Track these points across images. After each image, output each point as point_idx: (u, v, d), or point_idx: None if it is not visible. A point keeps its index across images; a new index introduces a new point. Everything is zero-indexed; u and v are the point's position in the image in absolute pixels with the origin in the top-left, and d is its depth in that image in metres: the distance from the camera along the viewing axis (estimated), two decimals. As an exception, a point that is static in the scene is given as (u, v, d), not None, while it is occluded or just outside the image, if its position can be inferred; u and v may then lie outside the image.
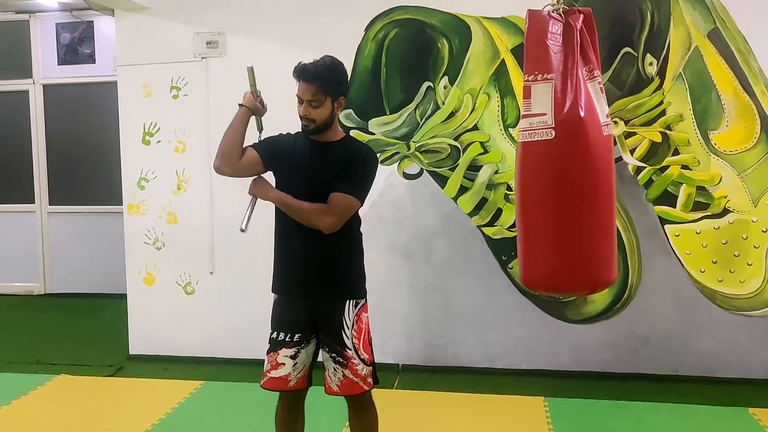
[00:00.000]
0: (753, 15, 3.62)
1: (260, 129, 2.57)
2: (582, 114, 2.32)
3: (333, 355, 2.41)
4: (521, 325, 3.94)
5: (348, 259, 2.47)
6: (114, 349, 4.48)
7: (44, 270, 6.17)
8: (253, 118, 2.53)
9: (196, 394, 3.73)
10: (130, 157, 4.31)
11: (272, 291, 2.51)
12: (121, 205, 4.37)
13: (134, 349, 4.37)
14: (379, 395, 2.63)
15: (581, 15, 2.41)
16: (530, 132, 2.39)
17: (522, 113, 2.44)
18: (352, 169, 2.39)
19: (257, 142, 2.51)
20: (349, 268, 2.47)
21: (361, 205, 2.43)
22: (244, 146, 2.45)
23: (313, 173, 2.37)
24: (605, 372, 3.85)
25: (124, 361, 4.31)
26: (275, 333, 2.45)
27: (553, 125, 2.33)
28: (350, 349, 2.41)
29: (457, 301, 4.00)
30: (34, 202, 6.12)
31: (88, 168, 6.00)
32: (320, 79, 2.31)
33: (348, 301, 2.43)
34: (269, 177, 2.50)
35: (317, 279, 2.41)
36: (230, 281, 4.20)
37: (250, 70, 2.52)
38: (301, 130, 2.44)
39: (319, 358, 2.51)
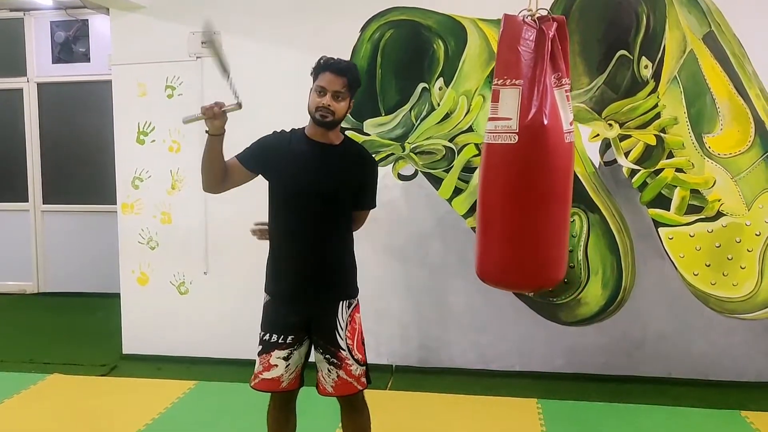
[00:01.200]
0: (748, 19, 3.63)
1: (226, 73, 2.40)
2: (545, 121, 2.38)
3: (327, 356, 2.40)
4: (515, 326, 3.95)
5: (343, 259, 2.46)
6: (107, 348, 4.47)
7: (37, 269, 6.14)
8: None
9: (190, 394, 3.72)
10: (124, 156, 4.30)
11: (265, 291, 2.49)
12: (115, 204, 4.35)
13: (127, 348, 4.36)
14: (372, 396, 2.64)
15: (555, 23, 2.45)
16: (495, 134, 2.48)
17: (489, 115, 2.50)
18: (371, 184, 2.50)
19: (244, 151, 2.44)
20: (344, 269, 2.47)
21: None
22: (228, 159, 2.41)
23: (318, 177, 2.34)
24: (599, 374, 3.86)
25: (117, 360, 4.30)
26: (267, 335, 2.42)
27: (517, 130, 2.41)
28: (344, 350, 2.40)
29: (452, 303, 4.00)
30: (27, 201, 6.10)
31: (82, 167, 5.98)
32: (350, 73, 2.34)
33: (342, 302, 2.42)
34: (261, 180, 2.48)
35: (316, 280, 2.39)
36: (224, 282, 4.20)
37: (210, 44, 2.43)
38: (300, 129, 2.42)
39: (311, 359, 2.49)
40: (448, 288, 3.99)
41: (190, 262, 4.24)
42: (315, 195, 2.34)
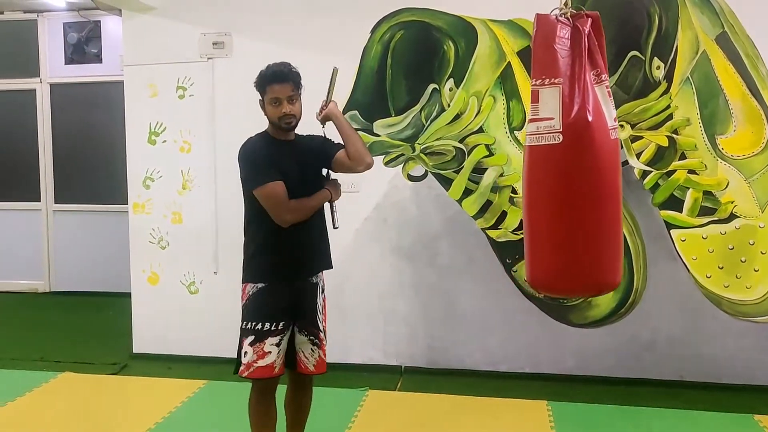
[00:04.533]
0: (761, 19, 3.60)
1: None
2: (590, 118, 2.32)
3: (311, 338, 2.64)
4: (525, 328, 3.93)
5: (326, 238, 2.72)
6: (118, 347, 4.49)
7: (49, 268, 6.19)
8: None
9: (200, 394, 3.73)
10: (135, 156, 4.32)
11: (253, 282, 2.61)
12: (126, 204, 4.37)
13: (138, 347, 4.38)
14: (381, 397, 2.66)
15: (589, 19, 2.41)
16: (537, 136, 2.40)
17: (529, 117, 2.44)
18: (323, 140, 2.72)
19: (271, 174, 2.54)
20: (327, 246, 2.73)
21: None
22: (276, 183, 2.54)
23: (298, 169, 2.58)
24: (609, 377, 3.83)
25: (127, 359, 4.32)
26: (259, 324, 2.56)
27: (561, 129, 2.33)
28: (322, 332, 2.68)
29: (461, 304, 3.99)
30: (39, 201, 6.15)
31: (93, 167, 6.02)
32: (292, 76, 2.55)
33: (318, 287, 2.68)
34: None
35: (310, 260, 2.64)
36: (234, 281, 4.16)
37: (335, 72, 2.69)
38: (265, 134, 2.62)
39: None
40: (457, 289, 3.98)
41: (201, 262, 4.25)
42: (299, 185, 2.55)
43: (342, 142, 2.67)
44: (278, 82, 2.51)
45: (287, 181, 2.53)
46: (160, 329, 4.34)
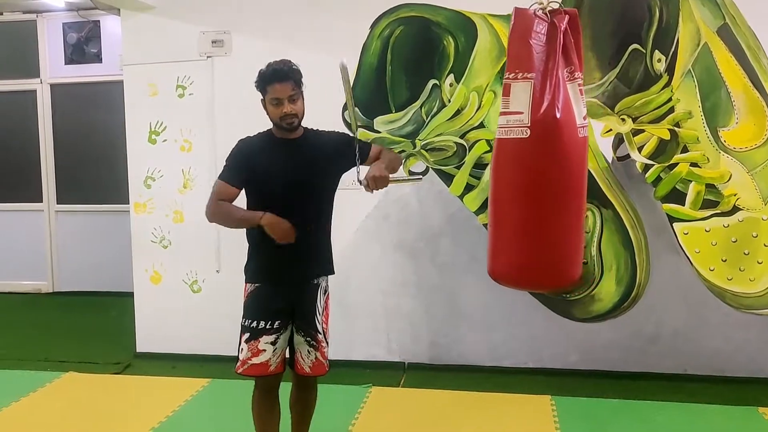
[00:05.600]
0: (763, 11, 3.58)
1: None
2: (558, 115, 2.35)
3: (308, 339, 2.60)
4: (527, 323, 3.93)
5: (326, 242, 2.66)
6: (121, 347, 4.50)
7: (52, 268, 6.20)
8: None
9: (203, 392, 3.74)
10: (136, 155, 4.32)
11: (250, 282, 2.63)
12: (128, 203, 4.37)
13: (141, 347, 4.38)
14: (385, 394, 2.66)
15: (567, 16, 2.42)
16: (506, 129, 2.44)
17: (501, 110, 2.46)
18: (346, 138, 2.66)
19: (232, 175, 2.57)
20: (326, 251, 2.66)
21: None
22: (224, 185, 2.57)
23: (298, 169, 2.52)
24: (613, 371, 3.83)
25: (131, 358, 4.33)
26: (255, 322, 2.56)
27: (529, 124, 2.37)
28: (320, 333, 2.62)
29: (463, 300, 3.99)
30: (41, 201, 6.15)
31: (95, 167, 6.02)
32: (292, 74, 2.49)
33: (320, 288, 2.63)
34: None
35: (303, 264, 2.57)
36: (237, 280, 4.17)
37: (344, 69, 2.55)
38: (268, 133, 2.58)
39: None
40: (459, 285, 3.98)
41: (203, 261, 4.25)
42: (297, 186, 2.51)
43: (364, 147, 2.65)
44: (278, 82, 2.46)
45: (271, 182, 2.50)
46: (164, 328, 4.34)
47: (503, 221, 2.54)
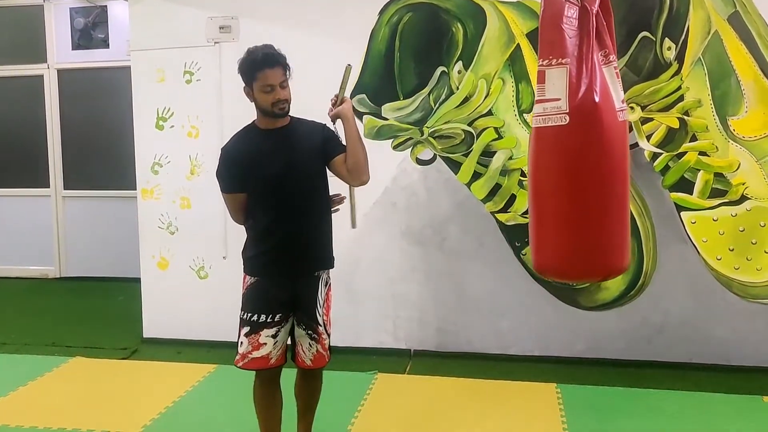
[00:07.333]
0: (775, -2, 3.55)
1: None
2: (597, 99, 2.30)
3: (309, 332, 2.57)
4: (534, 311, 3.93)
5: (325, 234, 2.62)
6: (128, 332, 4.52)
7: (59, 254, 6.22)
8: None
9: (210, 378, 3.76)
10: (143, 141, 4.32)
11: (249, 274, 2.59)
12: (135, 189, 4.38)
13: (148, 332, 4.40)
14: (391, 381, 2.66)
15: None
16: (544, 117, 2.37)
17: (536, 98, 2.42)
18: (331, 135, 2.58)
19: (233, 184, 2.59)
20: (326, 244, 2.63)
21: None
22: (230, 196, 2.63)
23: (288, 159, 2.49)
24: (619, 359, 3.83)
25: (137, 344, 4.35)
26: (255, 315, 2.53)
27: (568, 111, 2.31)
28: (321, 326, 2.59)
29: (470, 288, 3.99)
30: (49, 187, 6.17)
31: (102, 152, 6.03)
32: (280, 59, 2.46)
33: (321, 280, 2.59)
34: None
35: (301, 255, 2.54)
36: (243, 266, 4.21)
37: (348, 70, 2.55)
38: (251, 127, 2.57)
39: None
40: (466, 272, 3.98)
41: (210, 247, 4.26)
42: (290, 176, 2.48)
43: (337, 146, 2.56)
44: (269, 67, 2.40)
45: (267, 176, 2.47)
46: (170, 314, 4.36)
47: (546, 212, 2.45)
